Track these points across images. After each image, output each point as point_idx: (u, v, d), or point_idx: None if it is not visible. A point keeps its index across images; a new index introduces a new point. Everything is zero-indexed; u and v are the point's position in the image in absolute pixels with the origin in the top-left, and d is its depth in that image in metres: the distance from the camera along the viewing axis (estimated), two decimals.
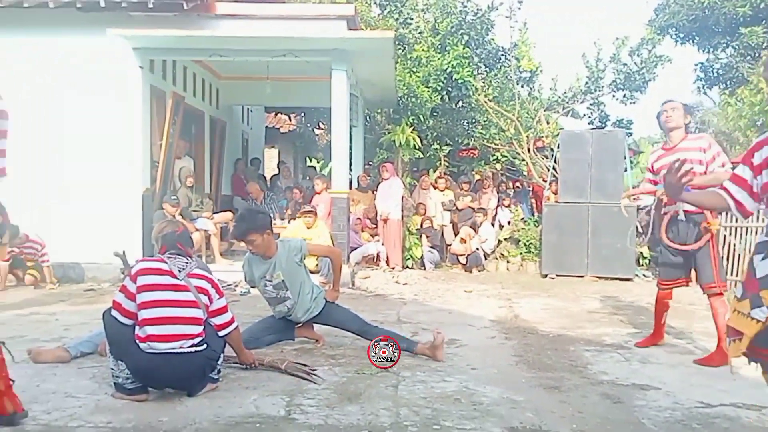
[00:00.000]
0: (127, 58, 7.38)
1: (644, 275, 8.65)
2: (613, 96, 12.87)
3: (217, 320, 3.27)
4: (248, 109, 12.74)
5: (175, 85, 8.58)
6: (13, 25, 7.46)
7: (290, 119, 16.07)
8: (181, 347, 3.03)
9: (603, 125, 12.89)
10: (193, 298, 3.13)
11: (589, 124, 13.23)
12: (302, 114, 15.58)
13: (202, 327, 3.15)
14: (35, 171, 7.36)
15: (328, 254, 4.82)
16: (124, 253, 4.70)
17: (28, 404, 2.83)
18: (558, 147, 9.05)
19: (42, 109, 7.47)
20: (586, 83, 12.60)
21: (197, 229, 7.70)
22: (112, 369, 3.08)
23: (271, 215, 9.00)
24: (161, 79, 8.19)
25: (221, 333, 3.28)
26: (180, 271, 3.16)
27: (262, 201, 9.54)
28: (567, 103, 12.84)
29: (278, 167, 13.03)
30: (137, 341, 3.02)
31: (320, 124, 15.58)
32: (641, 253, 9.00)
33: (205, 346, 3.12)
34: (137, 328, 3.05)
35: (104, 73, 7.47)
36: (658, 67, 12.30)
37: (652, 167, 4.36)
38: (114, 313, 3.11)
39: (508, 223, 10.04)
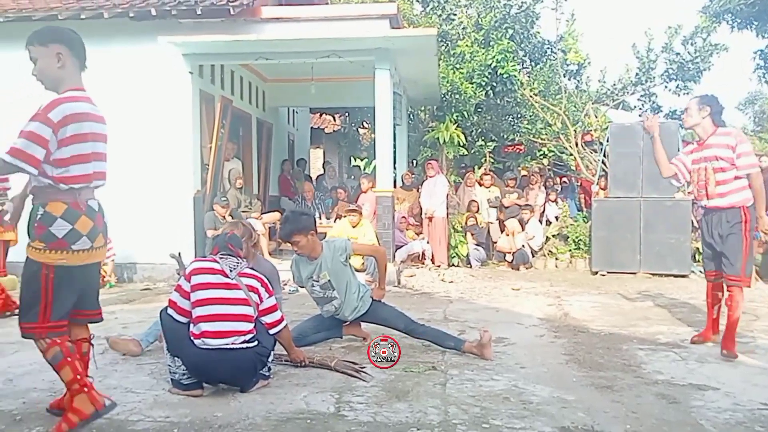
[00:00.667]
0: (177, 64, 7.61)
1: (701, 271, 8.31)
2: (666, 87, 12.47)
3: (267, 318, 3.35)
4: (294, 110, 12.93)
5: (223, 89, 8.79)
6: None
7: (335, 119, 16.23)
8: (233, 343, 3.12)
9: None
10: (244, 296, 3.22)
11: (639, 116, 12.86)
12: (346, 114, 15.73)
13: (253, 324, 3.24)
14: None
15: (372, 253, 4.85)
16: (179, 254, 4.86)
17: None
18: (607, 140, 8.83)
19: None
20: (637, 74, 12.25)
21: None
22: (169, 365, 3.19)
23: (318, 215, 9.17)
24: (210, 84, 8.40)
25: (271, 331, 3.37)
26: (231, 270, 3.26)
27: (312, 200, 9.68)
28: (616, 95, 12.51)
29: (323, 167, 13.18)
30: (192, 338, 3.12)
31: (364, 124, 15.68)
32: (697, 248, 8.67)
33: (256, 342, 3.20)
34: (192, 325, 3.16)
35: (155, 79, 7.72)
36: (713, 55, 11.85)
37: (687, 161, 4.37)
38: (170, 311, 3.23)
39: (556, 218, 9.85)
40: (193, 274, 3.24)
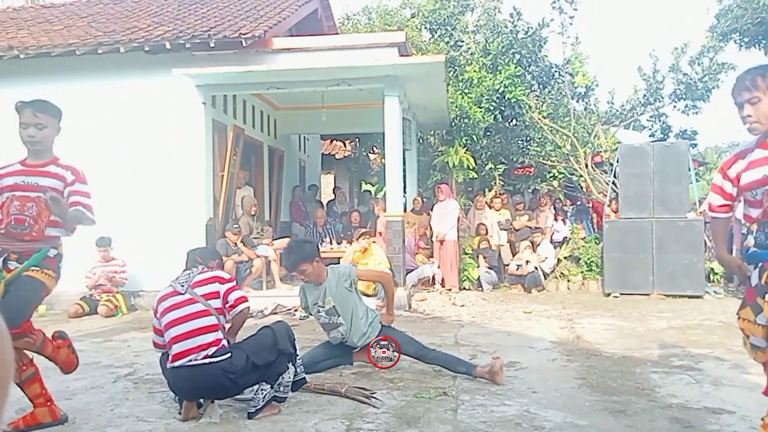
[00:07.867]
0: (190, 95, 7.77)
1: (715, 292, 8.25)
2: (674, 107, 12.48)
3: (235, 309, 3.35)
4: (305, 137, 13.09)
5: (235, 118, 8.94)
6: (88, 71, 8.02)
7: (345, 145, 16.39)
8: (195, 359, 3.14)
9: (665, 137, 12.49)
10: (202, 307, 3.26)
11: (650, 136, 12.86)
12: (357, 140, 15.87)
13: (219, 333, 3.24)
14: (106, 203, 7.81)
15: (378, 279, 4.86)
16: None
17: (103, 428, 3.00)
18: (617, 161, 8.84)
19: (113, 147, 7.95)
20: (644, 95, 12.28)
21: (258, 256, 7.94)
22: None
23: (329, 240, 9.21)
24: (222, 113, 8.56)
25: (234, 310, 3.36)
26: (182, 286, 3.33)
27: (323, 226, 9.74)
28: (625, 116, 12.54)
29: (334, 192, 13.27)
30: (168, 363, 3.24)
31: (374, 149, 15.81)
32: (712, 268, 8.59)
33: (222, 357, 3.15)
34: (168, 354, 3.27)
35: (170, 110, 7.88)
36: (722, 74, 11.86)
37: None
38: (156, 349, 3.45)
39: (565, 239, 9.81)
40: (157, 305, 3.36)
